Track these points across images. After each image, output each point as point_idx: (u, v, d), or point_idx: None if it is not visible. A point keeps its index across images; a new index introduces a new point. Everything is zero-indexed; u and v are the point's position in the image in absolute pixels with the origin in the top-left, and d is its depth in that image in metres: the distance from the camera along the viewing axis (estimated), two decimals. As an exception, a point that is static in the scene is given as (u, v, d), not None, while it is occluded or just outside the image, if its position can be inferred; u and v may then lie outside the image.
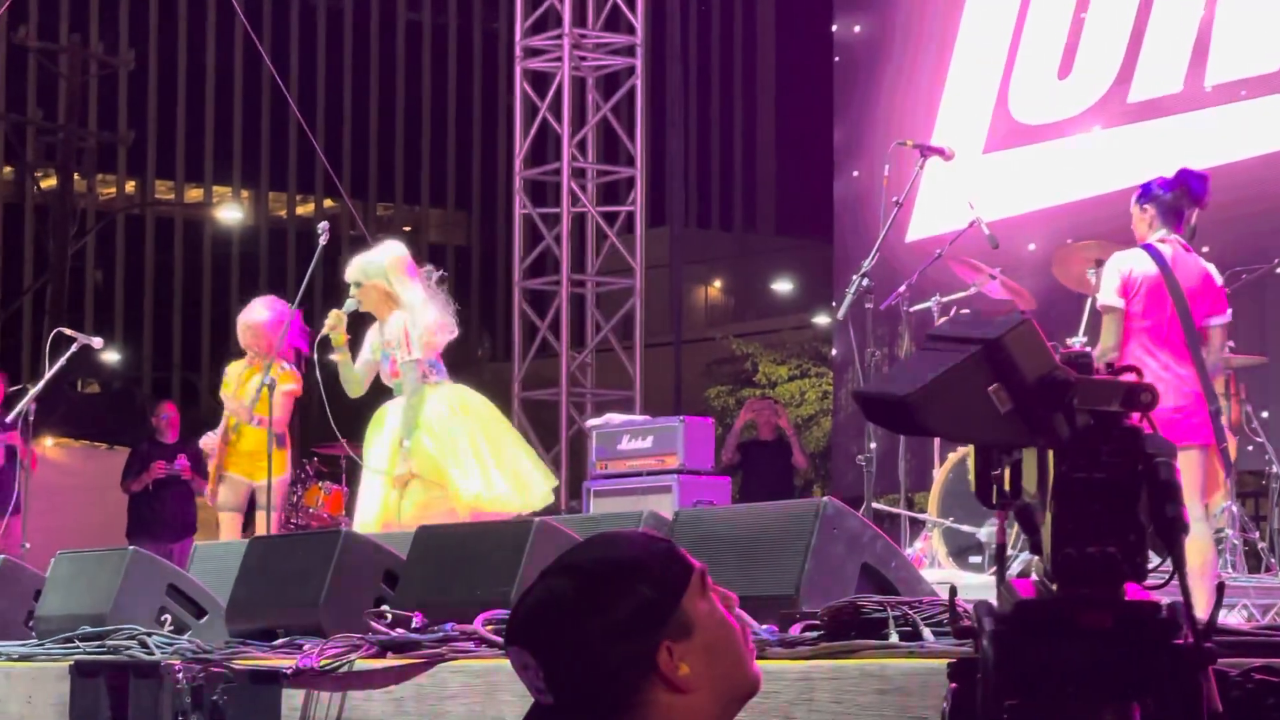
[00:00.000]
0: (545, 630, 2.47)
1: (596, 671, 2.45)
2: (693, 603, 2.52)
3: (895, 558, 5.67)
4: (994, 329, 2.46)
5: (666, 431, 13.12)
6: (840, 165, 16.72)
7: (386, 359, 9.87)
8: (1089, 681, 2.46)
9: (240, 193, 58.52)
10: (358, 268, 9.98)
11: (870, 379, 11.94)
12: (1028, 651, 2.47)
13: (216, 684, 6.06)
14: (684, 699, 2.48)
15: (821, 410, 27.00)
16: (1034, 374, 2.45)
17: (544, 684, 2.47)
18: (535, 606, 2.50)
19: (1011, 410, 2.45)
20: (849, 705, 4.35)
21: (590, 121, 18.50)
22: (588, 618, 2.46)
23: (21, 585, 8.24)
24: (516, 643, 2.50)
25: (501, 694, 5.24)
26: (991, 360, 2.44)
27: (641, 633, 2.46)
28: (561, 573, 2.52)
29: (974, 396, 2.44)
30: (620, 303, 18.48)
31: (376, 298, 9.89)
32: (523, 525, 6.18)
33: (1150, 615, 2.45)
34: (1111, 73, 14.12)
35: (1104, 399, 2.48)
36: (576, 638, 2.45)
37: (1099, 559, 2.45)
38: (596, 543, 2.57)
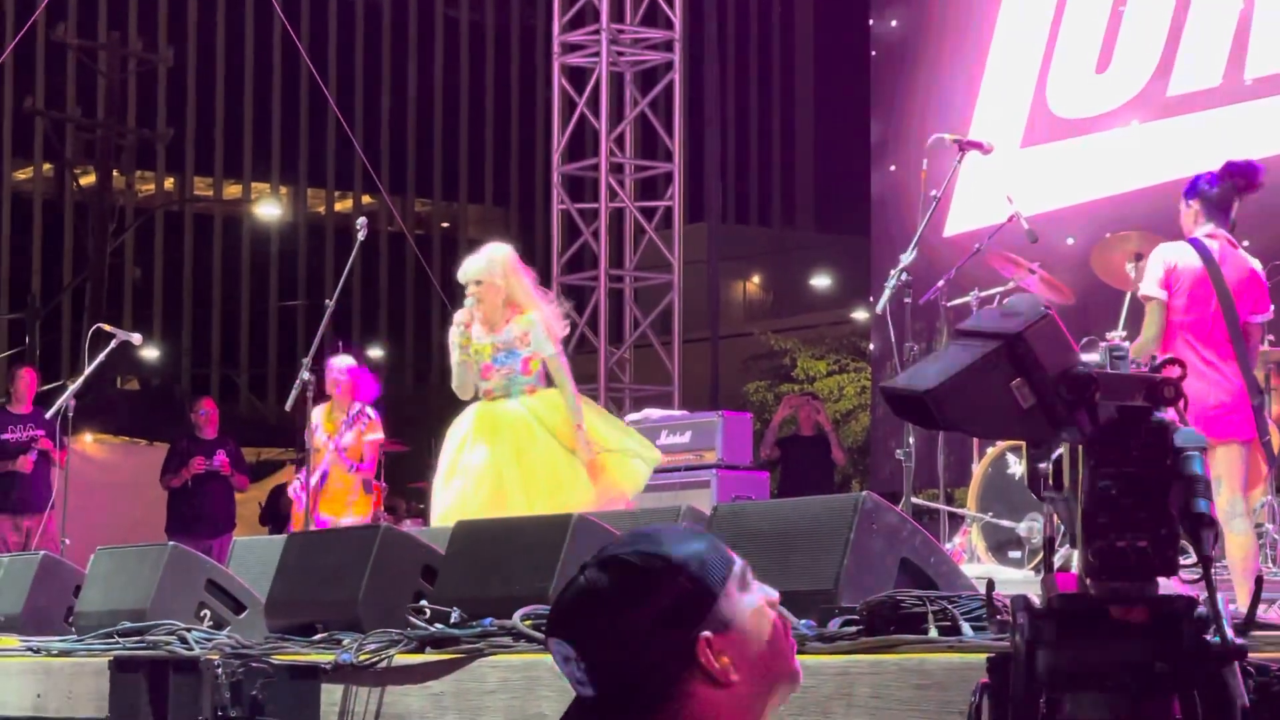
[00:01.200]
0: (586, 622, 2.49)
1: (636, 663, 2.46)
2: (733, 597, 2.52)
3: (934, 552, 5.65)
4: (1016, 324, 2.46)
5: (705, 426, 13.13)
6: (877, 160, 16.70)
7: (516, 358, 9.75)
8: (1125, 676, 2.45)
9: (278, 189, 58.66)
10: (481, 267, 9.90)
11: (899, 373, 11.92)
12: (1064, 646, 2.47)
13: (255, 679, 6.07)
14: (723, 692, 2.49)
15: (859, 405, 26.97)
16: (1056, 369, 2.45)
17: (585, 676, 2.48)
18: (576, 599, 2.51)
19: (1034, 405, 2.45)
20: (888, 700, 4.35)
21: (628, 117, 18.49)
22: (628, 610, 2.47)
23: (61, 581, 8.26)
24: (557, 634, 2.52)
25: (541, 689, 5.25)
26: (1013, 355, 2.44)
27: (681, 625, 2.47)
28: (602, 565, 2.52)
29: (996, 392, 2.44)
30: (658, 298, 18.47)
31: (494, 299, 9.82)
32: (561, 520, 6.18)
33: (1184, 610, 2.44)
34: (1150, 66, 14.07)
35: (1128, 393, 2.47)
36: (617, 630, 2.46)
37: (1130, 553, 2.44)
38: (637, 536, 2.57)
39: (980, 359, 2.43)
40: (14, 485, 14.85)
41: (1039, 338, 2.44)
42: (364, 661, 5.82)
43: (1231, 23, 13.56)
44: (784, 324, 36.74)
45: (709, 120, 25.80)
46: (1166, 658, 2.42)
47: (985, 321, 2.50)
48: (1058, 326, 2.46)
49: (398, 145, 58.60)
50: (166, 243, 56.82)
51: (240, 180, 58.83)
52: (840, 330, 32.47)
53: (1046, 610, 2.49)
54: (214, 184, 58.52)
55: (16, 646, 7.61)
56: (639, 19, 18.34)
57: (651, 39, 18.56)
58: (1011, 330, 2.44)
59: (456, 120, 60.58)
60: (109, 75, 36.11)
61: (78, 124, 41.45)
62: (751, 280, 51.77)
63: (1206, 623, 2.42)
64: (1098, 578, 2.45)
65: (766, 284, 52.05)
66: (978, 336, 2.47)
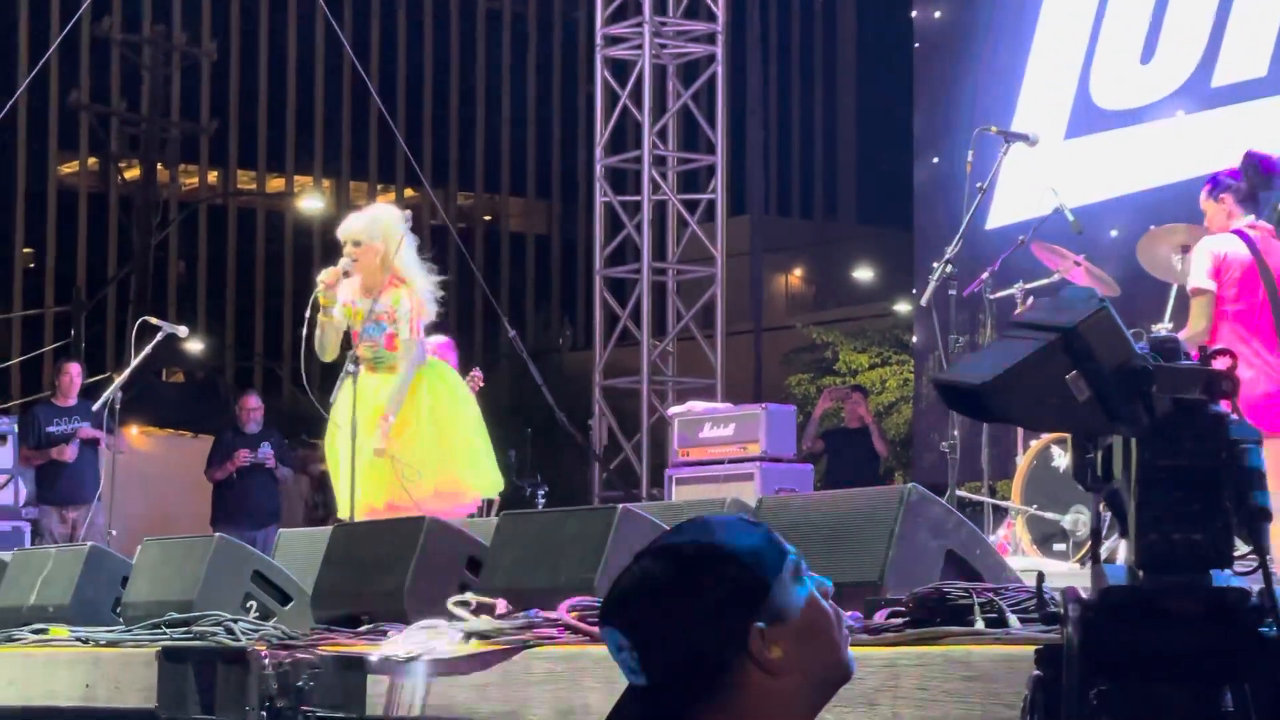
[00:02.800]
0: (640, 611, 2.49)
1: (690, 652, 2.47)
2: (786, 587, 2.53)
3: (980, 544, 5.65)
4: (1071, 316, 2.45)
5: (749, 419, 13.12)
6: (920, 152, 16.66)
7: (381, 331, 9.51)
8: (1177, 667, 2.45)
9: (322, 182, 58.75)
10: (362, 227, 9.62)
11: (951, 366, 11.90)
12: (1114, 637, 2.46)
13: (302, 670, 6.10)
14: (776, 682, 2.49)
15: (902, 398, 26.91)
16: (1112, 362, 2.44)
17: (638, 665, 2.48)
18: (630, 588, 2.52)
19: (1090, 398, 2.44)
20: (935, 692, 4.35)
21: (671, 109, 18.49)
22: (682, 599, 2.47)
23: (109, 572, 8.30)
24: (611, 623, 2.52)
25: (586, 680, 5.25)
26: (1069, 348, 2.43)
27: (734, 615, 2.48)
28: (656, 555, 2.53)
29: (1051, 384, 2.43)
30: (701, 291, 18.47)
31: (372, 261, 9.55)
32: (606, 512, 6.19)
33: (1238, 602, 2.44)
34: (1195, 57, 14.01)
35: (1184, 386, 2.46)
36: (670, 619, 2.47)
37: (1183, 546, 2.44)
38: (692, 526, 2.58)
39: (1035, 352, 2.43)
40: (60, 477, 14.94)
41: (1095, 331, 2.44)
42: (410, 653, 5.84)
43: (1278, 12, 13.50)
44: (826, 316, 36.67)
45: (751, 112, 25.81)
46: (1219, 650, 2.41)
47: (1040, 314, 2.50)
48: (1114, 319, 2.46)
49: (440, 138, 58.64)
50: (210, 236, 56.96)
51: (283, 173, 58.94)
52: (883, 323, 32.39)
53: (1097, 602, 2.49)
54: (257, 177, 58.64)
55: (65, 637, 7.65)
56: (681, 11, 18.34)
57: (694, 31, 18.55)
58: (1067, 323, 2.44)
59: (499, 113, 60.59)
60: (153, 69, 36.22)
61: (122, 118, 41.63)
62: (794, 273, 51.70)
63: (1261, 614, 2.41)
64: (1150, 570, 2.45)
65: (809, 276, 51.98)
66: (1032, 329, 2.47)
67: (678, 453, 13.48)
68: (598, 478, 17.81)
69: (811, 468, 14.00)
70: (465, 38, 60.66)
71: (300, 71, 58.05)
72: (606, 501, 15.92)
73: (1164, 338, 2.50)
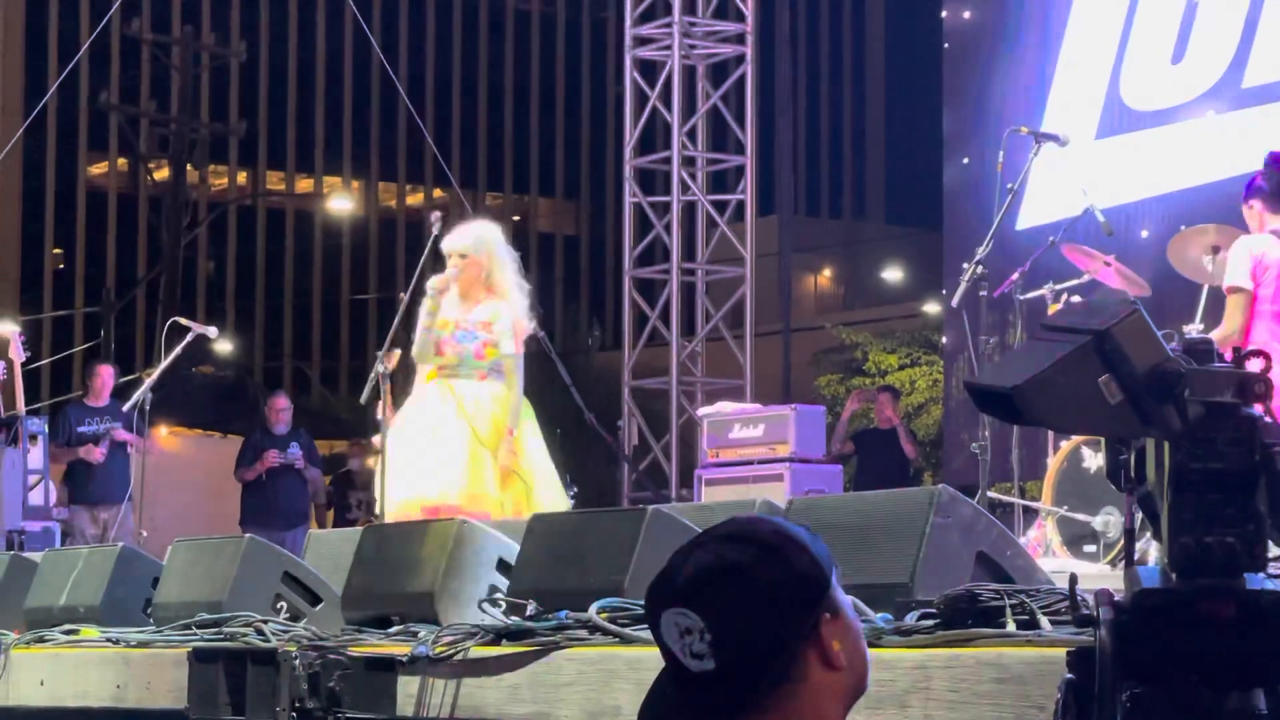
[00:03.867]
0: (719, 593, 2.48)
1: (767, 635, 2.47)
2: (836, 585, 2.55)
3: (1011, 546, 5.63)
4: (1103, 319, 2.44)
5: (778, 420, 13.12)
6: (950, 152, 16.64)
7: (474, 340, 9.64)
8: (1211, 670, 2.44)
9: (350, 183, 58.86)
10: (470, 242, 9.79)
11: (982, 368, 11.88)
12: (1147, 640, 2.46)
13: (333, 671, 6.10)
14: (832, 676, 2.50)
15: (931, 398, 26.89)
16: (1144, 365, 2.43)
17: (708, 649, 2.47)
18: (707, 570, 2.51)
19: (1122, 401, 2.44)
20: (966, 694, 4.34)
21: (700, 110, 18.49)
22: (763, 583, 2.48)
23: (139, 572, 8.32)
24: (683, 605, 2.50)
25: (617, 682, 5.25)
26: (1101, 351, 2.43)
27: (808, 604, 2.49)
28: (730, 540, 2.53)
29: (1083, 388, 2.43)
30: (730, 291, 18.47)
31: (474, 275, 9.72)
32: (637, 514, 6.18)
33: (1272, 605, 2.43)
34: (1226, 57, 13.97)
35: (1217, 389, 2.46)
36: (751, 602, 2.47)
37: (1216, 549, 2.43)
38: (749, 520, 2.59)
39: (1067, 355, 2.42)
40: (91, 477, 14.98)
41: (1127, 334, 2.43)
42: (440, 654, 5.84)
43: (1309, 12, 13.46)
44: (855, 317, 36.67)
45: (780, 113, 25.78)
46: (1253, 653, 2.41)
47: (1072, 317, 2.50)
48: (1146, 322, 2.45)
49: (469, 138, 58.72)
50: (239, 236, 57.10)
51: (312, 174, 59.07)
52: (912, 323, 32.37)
53: (1130, 604, 2.48)
54: (286, 178, 58.77)
55: (96, 638, 7.67)
56: (711, 12, 18.35)
57: (723, 32, 18.55)
58: (1099, 326, 2.43)
59: (528, 113, 60.66)
60: (182, 70, 36.32)
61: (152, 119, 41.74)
62: (823, 273, 51.69)
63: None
64: (1183, 573, 2.44)
65: (838, 277, 51.96)
66: (1064, 332, 2.46)
67: (707, 453, 13.48)
68: (627, 479, 17.81)
69: (841, 469, 13.99)
70: (494, 38, 60.73)
71: (329, 72, 58.17)
72: (636, 503, 15.94)
73: (1197, 339, 2.49)
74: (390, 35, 54.55)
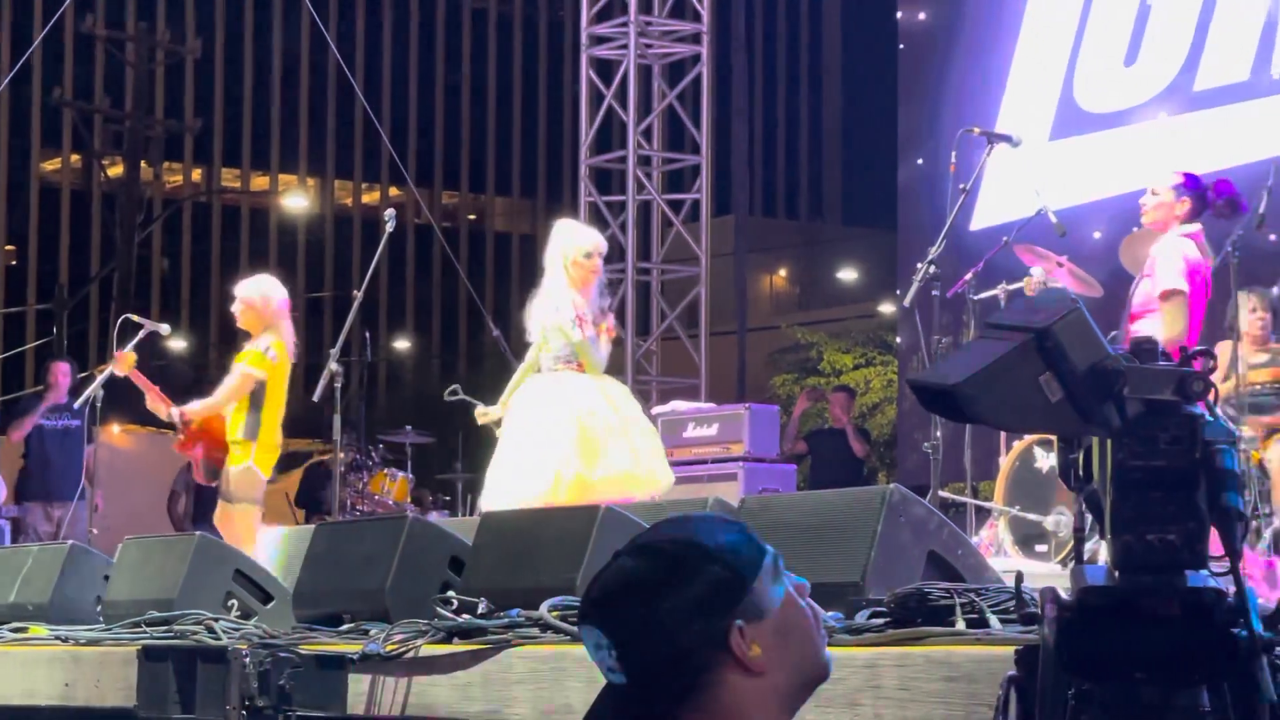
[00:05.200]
0: (619, 609, 2.49)
1: (669, 651, 2.46)
2: (765, 586, 2.53)
3: (961, 545, 5.65)
4: (1044, 317, 2.45)
5: (732, 419, 13.12)
6: (905, 153, 16.68)
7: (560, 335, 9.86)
8: (1155, 667, 2.45)
9: (306, 180, 58.73)
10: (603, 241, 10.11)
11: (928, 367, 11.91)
12: (1091, 638, 2.47)
13: (283, 669, 6.09)
14: (755, 681, 2.49)
15: (886, 398, 26.95)
16: (1084, 363, 2.44)
17: (616, 663, 2.48)
18: (609, 585, 2.52)
19: (1062, 399, 2.44)
20: (916, 692, 4.35)
21: (656, 109, 18.50)
22: (661, 597, 2.47)
23: (90, 570, 8.29)
24: (590, 621, 2.52)
25: (568, 680, 5.25)
26: (1042, 349, 2.44)
27: (714, 612, 2.48)
28: (635, 553, 2.53)
29: (1024, 385, 2.44)
30: (685, 291, 18.48)
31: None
32: (588, 511, 6.18)
33: (1213, 603, 2.44)
34: (1178, 60, 14.04)
35: (1156, 387, 2.47)
36: (650, 616, 2.47)
37: (1158, 546, 2.44)
38: (671, 524, 2.58)
39: (1008, 353, 2.43)
40: (46, 472, 14.93)
41: (1067, 332, 2.44)
42: (391, 652, 5.83)
43: (1260, 16, 13.53)
44: (810, 317, 36.73)
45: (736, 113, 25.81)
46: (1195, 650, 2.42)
47: (1014, 315, 2.51)
48: (1086, 320, 2.46)
49: (425, 137, 58.64)
50: (194, 234, 56.95)
51: (267, 172, 58.92)
52: (867, 323, 32.45)
53: (1075, 602, 2.49)
54: (241, 175, 58.61)
55: (45, 635, 7.64)
56: (667, 11, 18.35)
57: (679, 31, 18.55)
58: (1040, 324, 2.44)
59: (484, 112, 60.60)
60: (137, 66, 36.15)
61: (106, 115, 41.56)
62: (778, 273, 51.75)
63: (1236, 615, 2.41)
64: (1126, 570, 2.45)
65: (793, 277, 52.02)
66: (1006, 330, 2.47)
67: (661, 452, 13.47)
68: (581, 477, 17.76)
69: (795, 468, 14.00)
70: (450, 37, 60.65)
71: (285, 69, 58.03)
72: (590, 501, 15.91)
73: (1143, 338, 2.50)
74: (347, 33, 54.44)
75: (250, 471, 10.87)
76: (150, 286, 52.86)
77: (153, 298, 52.51)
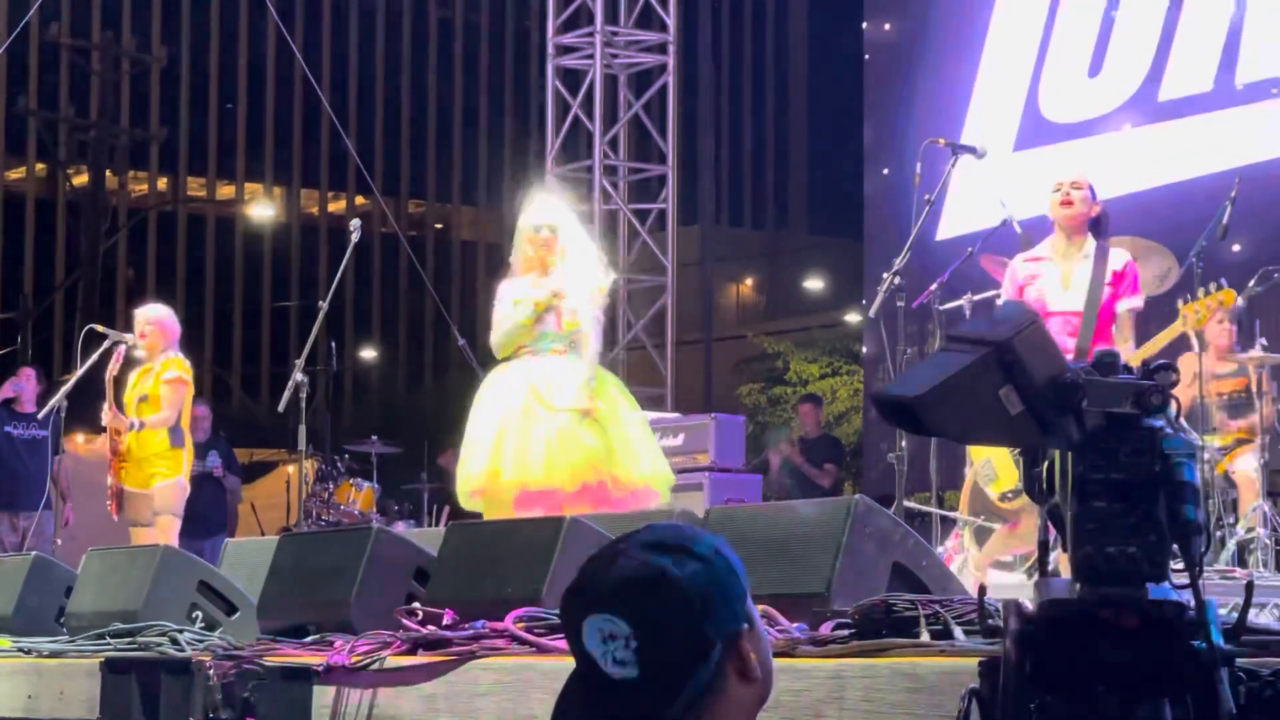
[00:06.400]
0: (647, 601, 2.45)
1: (694, 649, 2.45)
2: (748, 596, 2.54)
3: (926, 556, 5.66)
4: (1004, 330, 2.46)
5: (698, 429, 13.13)
6: (870, 163, 16.72)
7: (551, 312, 9.21)
8: (1117, 680, 2.45)
9: (272, 190, 58.61)
10: (562, 219, 9.44)
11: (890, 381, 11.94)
12: (1055, 650, 2.47)
13: (248, 681, 6.07)
14: (749, 688, 2.49)
15: (852, 408, 26.99)
16: (1043, 376, 2.45)
17: (632, 656, 2.45)
18: (636, 578, 2.47)
19: (1022, 412, 2.45)
20: (880, 704, 4.35)
21: (622, 119, 18.51)
22: (694, 593, 2.45)
23: (53, 581, 8.26)
24: (608, 610, 2.48)
25: (534, 691, 5.25)
26: (1002, 362, 2.44)
27: (732, 614, 2.48)
28: (657, 548, 2.49)
29: (984, 398, 2.44)
30: (651, 300, 18.49)
31: (558, 249, 9.34)
32: (554, 523, 6.18)
33: (1174, 615, 2.45)
34: (1142, 71, 14.09)
35: (1115, 400, 2.47)
36: (681, 609, 2.44)
37: (1119, 559, 2.45)
38: (668, 529, 2.56)
39: (968, 366, 2.43)
40: (10, 484, 14.88)
41: (1027, 344, 2.45)
42: (356, 663, 5.82)
43: (1223, 27, 13.58)
44: (777, 326, 36.74)
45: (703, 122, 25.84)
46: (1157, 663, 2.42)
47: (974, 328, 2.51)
48: (1045, 333, 2.46)
49: (391, 146, 58.55)
50: (159, 243, 56.76)
51: (234, 180, 58.77)
52: (833, 333, 32.49)
53: (1037, 614, 2.50)
54: (207, 184, 58.45)
55: (8, 647, 7.61)
56: (633, 21, 18.37)
57: (645, 41, 18.57)
58: (999, 337, 2.44)
59: (450, 121, 60.54)
60: (102, 75, 36.09)
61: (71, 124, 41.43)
62: (745, 283, 51.77)
63: (1197, 628, 2.42)
64: (1087, 583, 2.46)
65: (759, 286, 52.05)
66: (966, 342, 2.48)
67: (627, 463, 13.46)
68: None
69: (760, 478, 14.01)
70: (417, 46, 60.59)
71: (251, 78, 57.90)
72: (555, 511, 15.89)
73: (1104, 351, 2.51)
74: (312, 42, 54.37)
75: (180, 486, 11.00)
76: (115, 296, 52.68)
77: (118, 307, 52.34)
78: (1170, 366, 2.55)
